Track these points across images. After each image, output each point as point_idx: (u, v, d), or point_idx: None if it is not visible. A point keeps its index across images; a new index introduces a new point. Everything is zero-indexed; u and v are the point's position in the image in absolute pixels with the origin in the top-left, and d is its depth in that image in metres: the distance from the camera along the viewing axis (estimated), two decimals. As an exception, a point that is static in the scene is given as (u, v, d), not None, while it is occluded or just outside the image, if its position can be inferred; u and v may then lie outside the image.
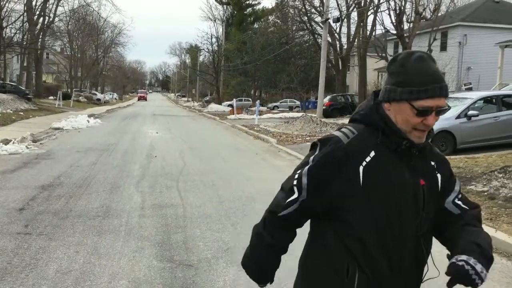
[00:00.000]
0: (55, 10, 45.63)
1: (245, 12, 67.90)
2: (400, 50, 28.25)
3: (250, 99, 53.31)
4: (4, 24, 35.35)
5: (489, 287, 4.55)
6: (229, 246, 5.51)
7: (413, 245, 1.70)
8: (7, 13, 35.94)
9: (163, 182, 9.29)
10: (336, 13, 34.93)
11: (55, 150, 13.68)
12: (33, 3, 40.19)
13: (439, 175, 1.78)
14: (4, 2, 34.03)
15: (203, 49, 65.09)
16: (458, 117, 12.65)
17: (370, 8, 30.18)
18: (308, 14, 39.00)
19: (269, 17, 60.14)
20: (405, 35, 25.34)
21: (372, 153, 1.67)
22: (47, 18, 44.20)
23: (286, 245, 1.84)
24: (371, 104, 1.75)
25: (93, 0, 77.67)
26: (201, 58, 75.09)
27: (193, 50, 78.98)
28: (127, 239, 5.75)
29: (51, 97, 46.00)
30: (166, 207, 7.37)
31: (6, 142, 13.80)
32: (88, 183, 8.98)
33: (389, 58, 23.75)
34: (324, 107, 27.30)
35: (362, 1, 31.16)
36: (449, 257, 1.63)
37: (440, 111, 1.65)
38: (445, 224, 1.78)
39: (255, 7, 68.54)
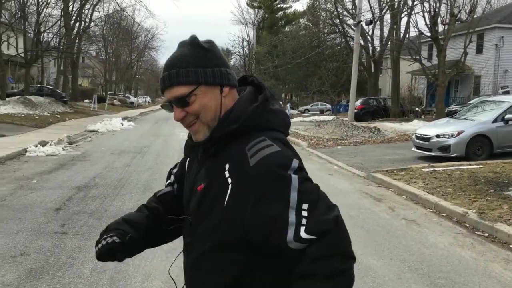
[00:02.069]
0: (91, 15, 46.69)
1: (276, 15, 67.96)
2: (434, 52, 27.78)
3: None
4: (42, 29, 36.35)
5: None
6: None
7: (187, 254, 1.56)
8: (44, 18, 36.97)
9: (195, 185, 9.36)
10: (368, 16, 34.64)
11: (90, 152, 13.98)
12: (70, 8, 41.21)
13: (230, 186, 1.38)
14: (42, 8, 35.02)
15: (235, 53, 65.50)
16: (495, 121, 12.35)
17: (404, 10, 29.75)
18: (340, 17, 38.72)
19: (301, 20, 60.07)
20: (439, 37, 24.84)
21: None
22: (83, 23, 45.23)
23: None
24: None
25: (128, 5, 79.31)
26: (232, 62, 75.48)
27: (225, 54, 79.45)
28: (160, 240, 5.82)
29: (87, 100, 47.01)
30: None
31: (44, 144, 14.20)
32: (122, 185, 9.14)
33: (424, 60, 23.06)
34: (355, 111, 27.03)
35: (396, 3, 30.75)
36: None
37: (177, 101, 1.42)
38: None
39: (286, 11, 68.56)
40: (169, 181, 1.74)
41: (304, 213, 1.31)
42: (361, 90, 36.56)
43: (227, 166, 1.39)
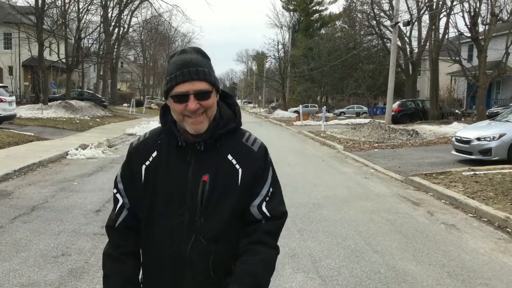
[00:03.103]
0: (129, 21, 47.75)
1: (311, 18, 67.73)
2: (475, 53, 27.10)
3: (316, 105, 53.05)
4: (82, 35, 37.38)
5: None
6: (295, 253, 5.49)
7: (187, 242, 1.69)
8: (85, 24, 38.00)
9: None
10: (406, 17, 34.11)
11: (129, 155, 14.23)
12: (109, 14, 42.24)
13: (240, 170, 1.71)
14: (82, 14, 36.03)
15: (270, 56, 65.54)
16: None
17: (443, 10, 29.10)
18: (377, 18, 38.28)
19: (336, 22, 59.60)
20: (480, 37, 24.20)
21: (155, 153, 1.77)
22: (121, 29, 46.27)
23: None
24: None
25: (165, 11, 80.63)
26: (267, 65, 75.64)
27: (260, 57, 79.75)
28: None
29: (125, 104, 47.99)
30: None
31: (84, 147, 14.57)
32: (159, 187, 9.26)
33: (464, 61, 22.50)
34: (393, 113, 26.63)
35: (434, 4, 30.14)
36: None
37: (200, 94, 1.63)
38: (246, 230, 1.74)
39: (322, 13, 68.24)
40: (120, 204, 1.85)
41: (269, 194, 1.75)
42: (398, 92, 35.97)
43: (229, 157, 1.72)
